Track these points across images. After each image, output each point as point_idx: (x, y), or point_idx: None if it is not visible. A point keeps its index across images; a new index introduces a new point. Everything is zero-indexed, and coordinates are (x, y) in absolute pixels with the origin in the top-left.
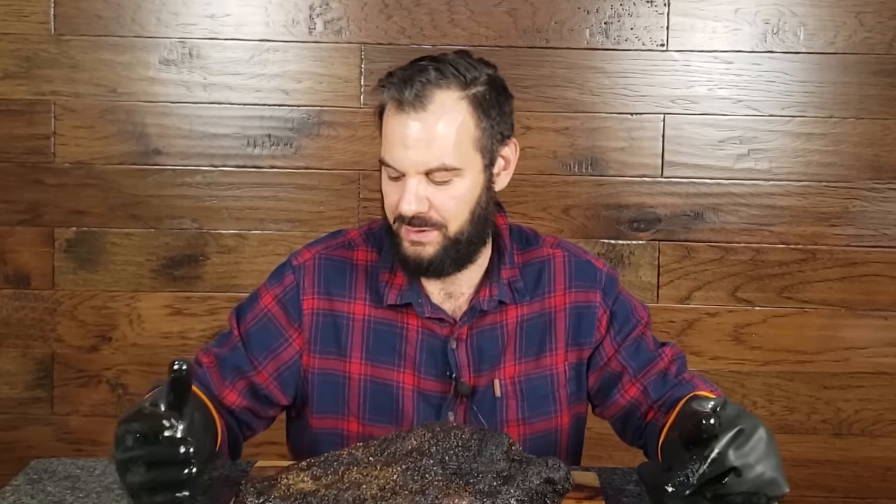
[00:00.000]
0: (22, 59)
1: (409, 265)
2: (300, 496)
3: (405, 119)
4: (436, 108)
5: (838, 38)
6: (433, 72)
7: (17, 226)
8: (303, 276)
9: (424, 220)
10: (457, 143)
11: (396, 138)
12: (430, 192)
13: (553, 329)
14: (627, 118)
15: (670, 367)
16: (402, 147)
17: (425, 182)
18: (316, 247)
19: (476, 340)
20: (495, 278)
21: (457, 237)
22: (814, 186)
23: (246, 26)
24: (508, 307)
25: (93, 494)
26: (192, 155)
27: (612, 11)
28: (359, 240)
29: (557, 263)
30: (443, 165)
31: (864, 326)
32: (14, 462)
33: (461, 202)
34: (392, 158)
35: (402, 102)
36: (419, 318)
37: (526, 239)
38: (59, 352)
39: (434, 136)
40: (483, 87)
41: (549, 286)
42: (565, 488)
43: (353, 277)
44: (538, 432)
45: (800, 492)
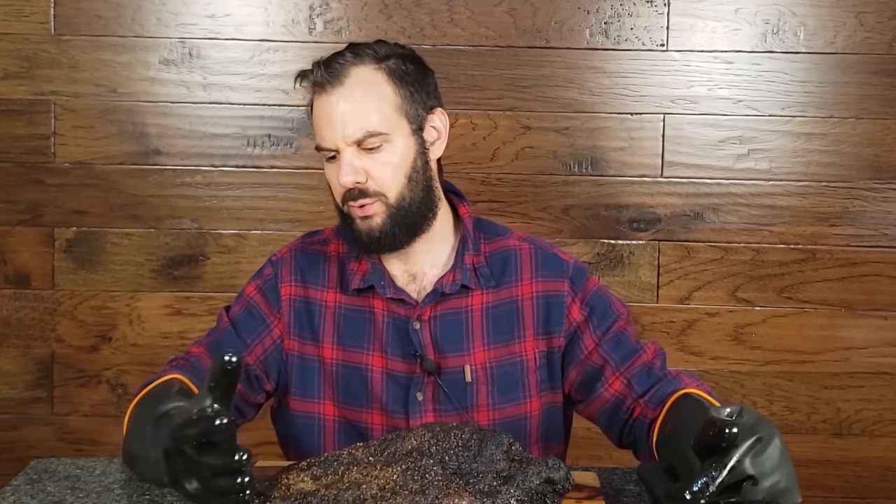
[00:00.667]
0: (22, 59)
1: (363, 241)
2: (300, 496)
3: (326, 98)
4: (352, 82)
5: (838, 38)
6: (347, 53)
7: (17, 226)
8: (281, 267)
9: (364, 192)
10: (378, 110)
11: (323, 118)
12: (364, 162)
13: (521, 317)
14: (627, 118)
15: (654, 361)
16: (328, 125)
17: (358, 153)
18: (293, 243)
19: (439, 322)
20: (459, 263)
21: (399, 204)
22: (814, 186)
23: (246, 26)
24: (473, 292)
25: (93, 494)
26: (192, 155)
27: (612, 11)
28: (331, 235)
29: (524, 254)
30: (368, 132)
31: (864, 326)
32: (14, 462)
33: (395, 168)
34: (322, 138)
35: (321, 84)
36: (384, 301)
37: (493, 230)
38: (59, 352)
39: (355, 106)
40: (397, 60)
41: (515, 275)
42: (565, 488)
43: (326, 267)
44: (507, 418)
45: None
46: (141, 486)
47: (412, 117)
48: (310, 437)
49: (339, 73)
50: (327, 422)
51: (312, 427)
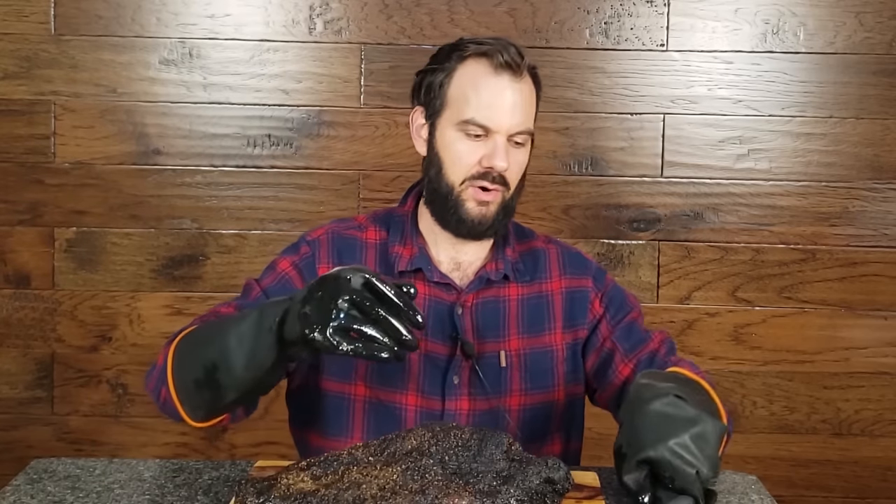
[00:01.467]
0: (22, 59)
1: (471, 224)
2: (300, 496)
3: (507, 81)
4: (527, 78)
5: (838, 38)
6: (514, 47)
7: (17, 226)
8: (318, 248)
9: (504, 179)
10: (533, 112)
11: (496, 98)
12: (509, 153)
13: (550, 310)
14: (627, 118)
15: (659, 349)
16: (502, 107)
17: (506, 143)
18: (328, 226)
19: (480, 309)
20: (501, 255)
21: (510, 201)
22: (814, 186)
23: (246, 26)
24: (511, 284)
25: (93, 494)
26: (192, 155)
27: (612, 11)
28: (367, 222)
29: (552, 254)
30: (528, 129)
31: (864, 326)
32: (14, 462)
33: (522, 168)
34: (488, 117)
35: (506, 65)
36: (427, 285)
37: (522, 232)
38: (59, 352)
39: (527, 100)
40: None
41: (545, 272)
42: (565, 488)
43: (364, 253)
44: (537, 403)
45: (799, 492)
46: (141, 486)
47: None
48: (338, 418)
49: (520, 64)
50: (357, 402)
51: (341, 407)
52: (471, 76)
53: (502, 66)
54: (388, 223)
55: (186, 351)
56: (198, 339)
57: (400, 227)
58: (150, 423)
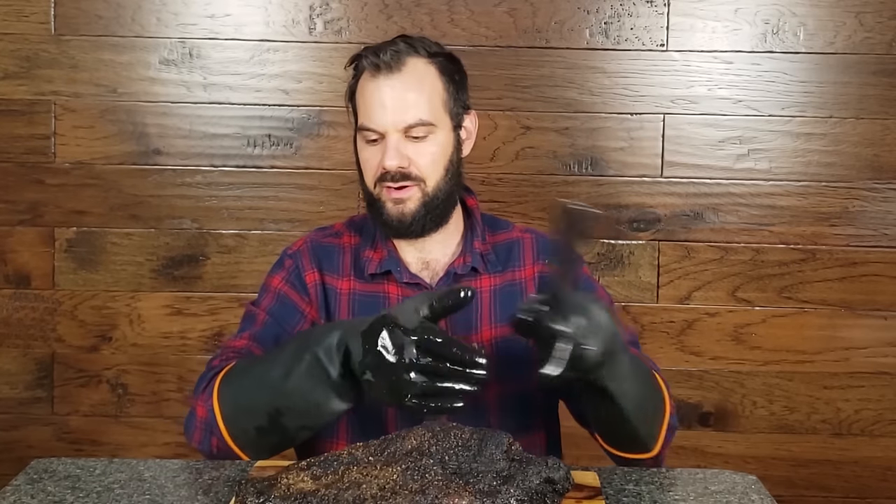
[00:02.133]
0: (22, 59)
1: (393, 224)
2: (300, 496)
3: (383, 81)
4: (409, 70)
5: (838, 38)
6: (402, 43)
7: (17, 226)
8: (300, 258)
9: (406, 175)
10: (429, 101)
11: (375, 101)
12: (409, 149)
13: (523, 297)
14: (627, 118)
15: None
16: (380, 108)
17: (404, 140)
18: (305, 237)
19: None
20: (469, 248)
21: (434, 194)
22: (814, 186)
23: (246, 26)
24: (482, 276)
25: (93, 494)
26: (192, 155)
27: (612, 11)
28: (343, 228)
29: (526, 243)
30: (420, 120)
31: (864, 326)
32: (14, 462)
33: (436, 158)
34: (372, 120)
35: (378, 67)
36: (398, 286)
37: (496, 224)
38: (59, 352)
39: (410, 94)
40: (445, 58)
41: (518, 261)
42: (565, 488)
43: (340, 258)
44: (513, 393)
45: (799, 492)
46: (141, 486)
47: (453, 114)
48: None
49: (396, 60)
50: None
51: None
52: (361, 84)
53: (374, 67)
54: (361, 228)
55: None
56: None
57: (371, 232)
58: (150, 423)
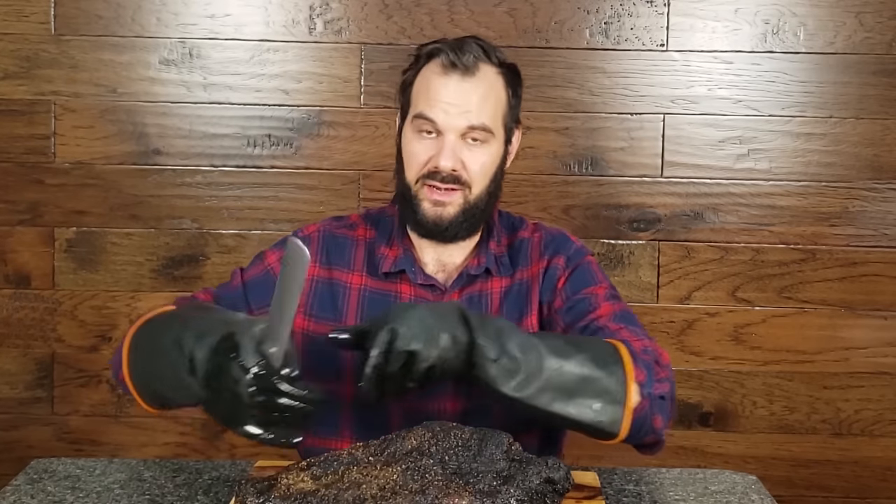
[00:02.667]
0: (22, 59)
1: (429, 225)
2: (300, 496)
3: (455, 80)
4: (482, 76)
5: (838, 38)
6: (475, 45)
7: (17, 226)
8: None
9: (455, 178)
10: (494, 109)
11: (443, 97)
12: (463, 152)
13: (529, 296)
14: (627, 118)
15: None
16: (447, 104)
17: (460, 143)
18: (320, 223)
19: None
20: (484, 249)
21: (476, 202)
22: (814, 186)
23: (246, 26)
24: (493, 278)
25: (93, 494)
26: (192, 155)
27: (612, 11)
28: (358, 221)
29: (535, 241)
30: (482, 125)
31: (864, 326)
32: (14, 462)
33: (486, 167)
34: (435, 115)
35: (455, 66)
36: (412, 286)
37: (512, 224)
38: (59, 352)
39: (479, 98)
40: (511, 70)
41: (526, 260)
42: (565, 488)
43: (353, 251)
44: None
45: (799, 492)
46: (141, 486)
47: (507, 127)
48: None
49: (472, 64)
50: (345, 401)
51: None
52: (426, 76)
53: (449, 65)
54: (378, 222)
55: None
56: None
57: (388, 228)
58: (150, 423)
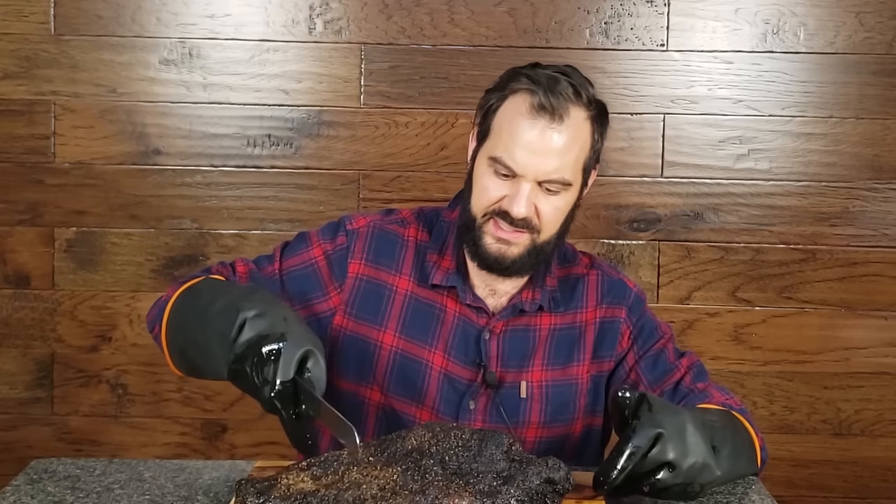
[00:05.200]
0: (22, 59)
1: (490, 260)
2: (300, 496)
3: (542, 126)
4: (571, 124)
5: (838, 38)
6: (569, 86)
7: (17, 226)
8: (355, 241)
9: (526, 223)
10: (576, 160)
11: (525, 142)
12: (538, 198)
13: (581, 341)
14: (627, 118)
15: (685, 377)
16: (529, 152)
17: (536, 189)
18: (371, 217)
19: (509, 337)
20: (539, 284)
21: (543, 246)
22: (814, 186)
23: (246, 26)
24: (543, 315)
25: (93, 494)
26: (192, 155)
27: (612, 11)
28: (411, 218)
29: (591, 281)
30: (562, 179)
31: (864, 326)
32: (14, 462)
33: (560, 214)
34: (514, 160)
35: (542, 108)
36: (459, 304)
37: (564, 255)
38: (59, 352)
39: (564, 149)
40: (599, 108)
41: (582, 301)
42: (565, 488)
43: (402, 252)
44: (554, 436)
45: (799, 492)
46: (141, 486)
47: (586, 170)
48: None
49: (563, 109)
50: (371, 406)
51: (356, 409)
52: (511, 112)
53: (539, 108)
54: (431, 225)
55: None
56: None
57: (442, 234)
58: (150, 423)
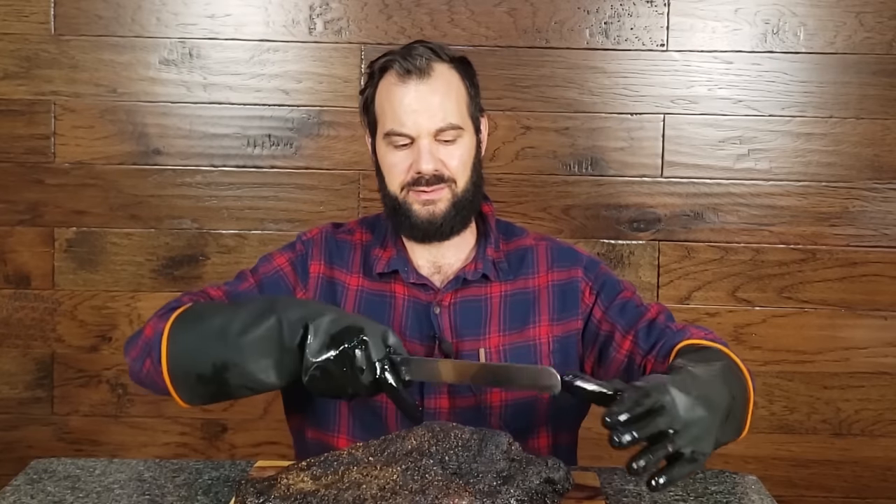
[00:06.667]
0: (22, 59)
1: (422, 226)
2: (300, 496)
3: (412, 87)
4: (437, 76)
5: (838, 38)
6: (421, 48)
7: (17, 226)
8: (311, 247)
9: (438, 177)
10: (457, 105)
11: (405, 106)
12: (440, 152)
13: (536, 305)
14: (627, 118)
15: (657, 318)
16: (412, 112)
17: (435, 144)
18: (322, 228)
19: (459, 308)
20: (481, 255)
21: (463, 195)
22: (814, 186)
23: (246, 26)
24: (492, 283)
25: (93, 494)
26: (192, 155)
27: (612, 11)
28: (356, 226)
29: (540, 251)
30: (451, 124)
31: (864, 326)
32: (14, 462)
33: (464, 159)
34: (403, 125)
35: (409, 72)
36: (405, 287)
37: (511, 230)
38: (59, 352)
39: (441, 98)
40: (463, 63)
41: (532, 268)
42: (565, 488)
43: (351, 254)
44: (519, 399)
45: (799, 492)
46: (141, 486)
47: (474, 117)
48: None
49: (425, 66)
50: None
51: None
52: (385, 89)
53: (404, 72)
54: (373, 226)
55: (189, 341)
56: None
57: (382, 231)
58: (150, 423)
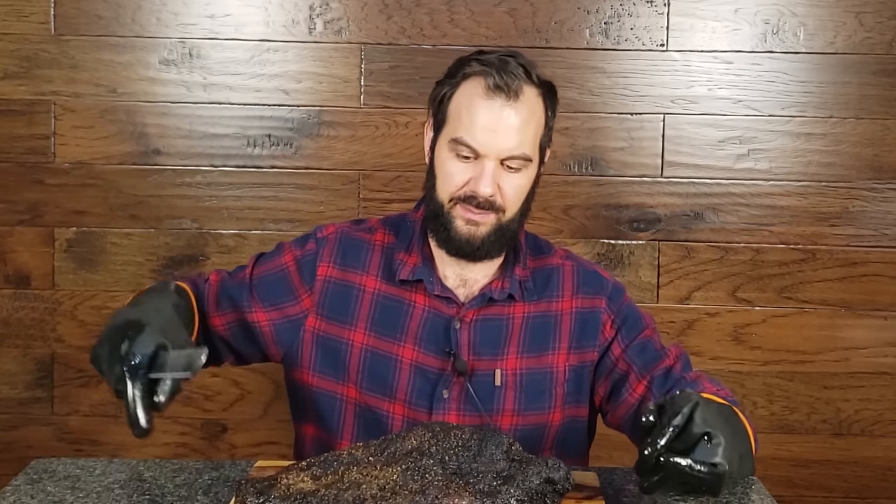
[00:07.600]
0: (22, 59)
1: (461, 243)
2: (300, 496)
3: (498, 105)
4: (524, 101)
5: (838, 38)
6: (519, 66)
7: (17, 226)
8: (323, 247)
9: (491, 203)
10: (534, 135)
11: (484, 121)
12: (502, 178)
13: (557, 330)
14: (627, 118)
15: (675, 365)
16: (490, 131)
17: (499, 168)
18: (341, 225)
19: (480, 326)
20: (509, 273)
21: (508, 224)
22: (814, 186)
23: (246, 26)
24: (516, 303)
25: (93, 494)
26: (192, 155)
27: (612, 11)
28: (378, 225)
29: (566, 272)
30: (522, 154)
31: (864, 326)
32: (14, 462)
33: (522, 192)
34: (475, 140)
35: (499, 89)
36: (427, 297)
37: (539, 247)
38: (59, 352)
39: (522, 125)
40: (549, 89)
41: (557, 291)
42: (565, 488)
43: (369, 255)
44: (529, 425)
45: (799, 492)
46: (141, 486)
47: (542, 148)
48: (330, 416)
49: (517, 87)
50: (349, 404)
51: (333, 407)
52: (468, 95)
53: (495, 88)
54: (398, 227)
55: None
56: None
57: (409, 234)
58: None
